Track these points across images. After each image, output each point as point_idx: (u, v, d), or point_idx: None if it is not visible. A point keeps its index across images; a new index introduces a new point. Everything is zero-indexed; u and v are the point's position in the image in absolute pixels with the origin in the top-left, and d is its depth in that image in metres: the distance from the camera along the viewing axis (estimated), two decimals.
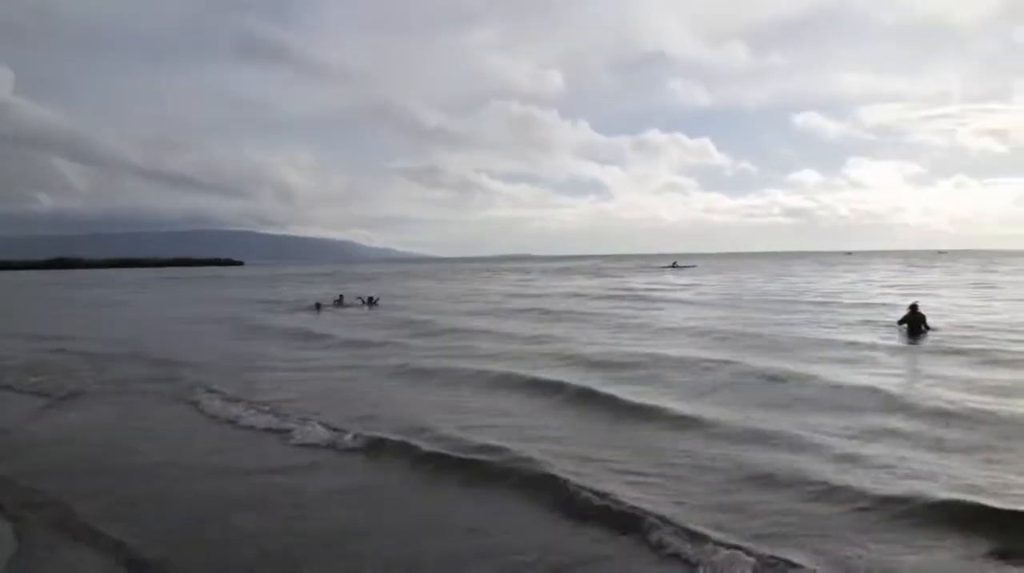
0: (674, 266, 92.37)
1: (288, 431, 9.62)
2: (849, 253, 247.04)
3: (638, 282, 53.09)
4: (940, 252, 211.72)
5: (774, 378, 12.28)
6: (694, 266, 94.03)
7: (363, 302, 33.44)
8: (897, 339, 17.02)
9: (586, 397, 11.16)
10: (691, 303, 30.92)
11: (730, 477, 7.17)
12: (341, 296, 35.22)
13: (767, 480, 7.06)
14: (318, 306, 32.47)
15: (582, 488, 6.77)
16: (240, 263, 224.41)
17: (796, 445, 8.22)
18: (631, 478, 7.20)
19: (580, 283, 53.48)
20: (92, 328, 25.85)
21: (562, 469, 7.34)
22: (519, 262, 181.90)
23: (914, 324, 17.84)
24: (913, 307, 18.27)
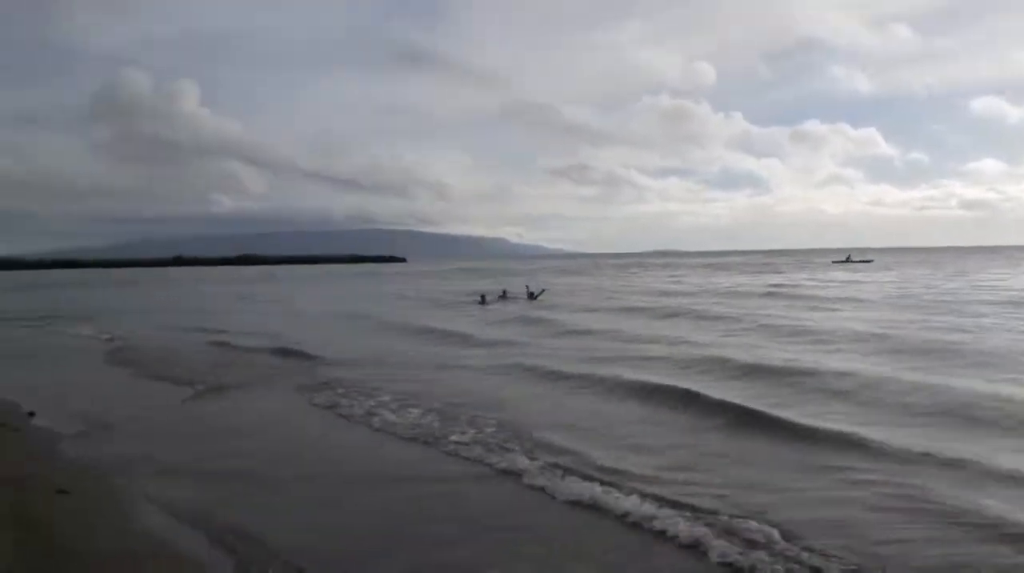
0: (848, 260, 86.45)
1: (442, 438, 9.61)
2: None
3: (804, 278, 51.61)
4: None
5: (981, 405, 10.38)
6: (870, 261, 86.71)
7: (529, 295, 35.31)
8: None
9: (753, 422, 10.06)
10: (864, 302, 29.57)
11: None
12: (504, 290, 37.25)
13: (992, 533, 6.09)
14: (483, 299, 34.15)
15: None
16: (403, 260, 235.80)
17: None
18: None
19: (737, 280, 52.65)
20: (258, 323, 27.34)
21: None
22: (669, 258, 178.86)
23: None
24: None
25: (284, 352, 18.76)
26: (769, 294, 36.44)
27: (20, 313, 34.16)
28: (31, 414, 11.52)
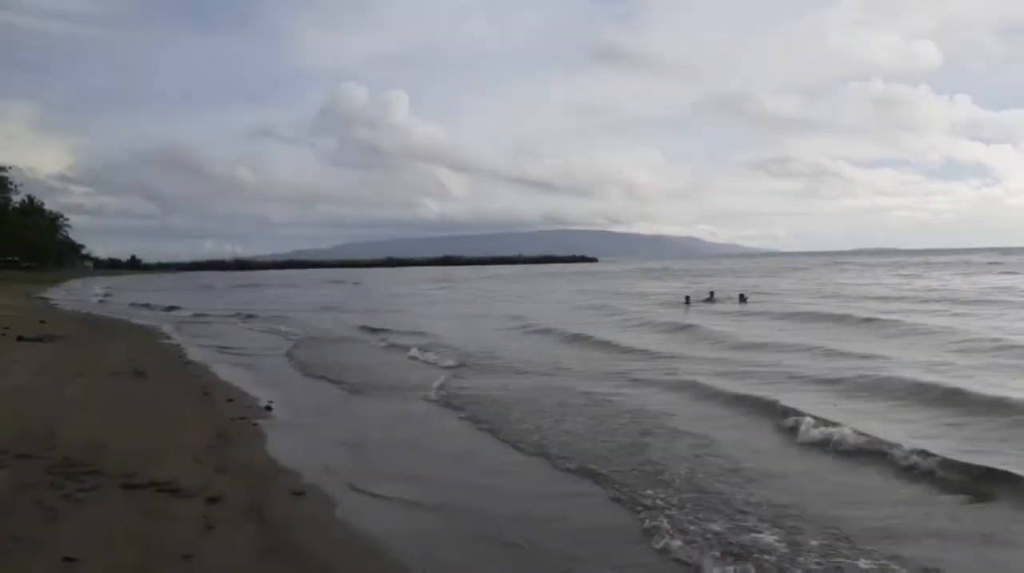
0: None
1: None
2: None
3: None
4: None
5: None
6: None
7: (739, 298, 32.80)
8: None
9: None
10: None
11: None
12: (712, 293, 34.75)
13: None
14: (688, 301, 32.61)
15: None
16: (594, 259, 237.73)
17: None
18: None
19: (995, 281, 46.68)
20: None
21: None
22: (882, 256, 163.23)
23: None
24: None
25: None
26: None
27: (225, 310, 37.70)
28: (268, 408, 11.41)
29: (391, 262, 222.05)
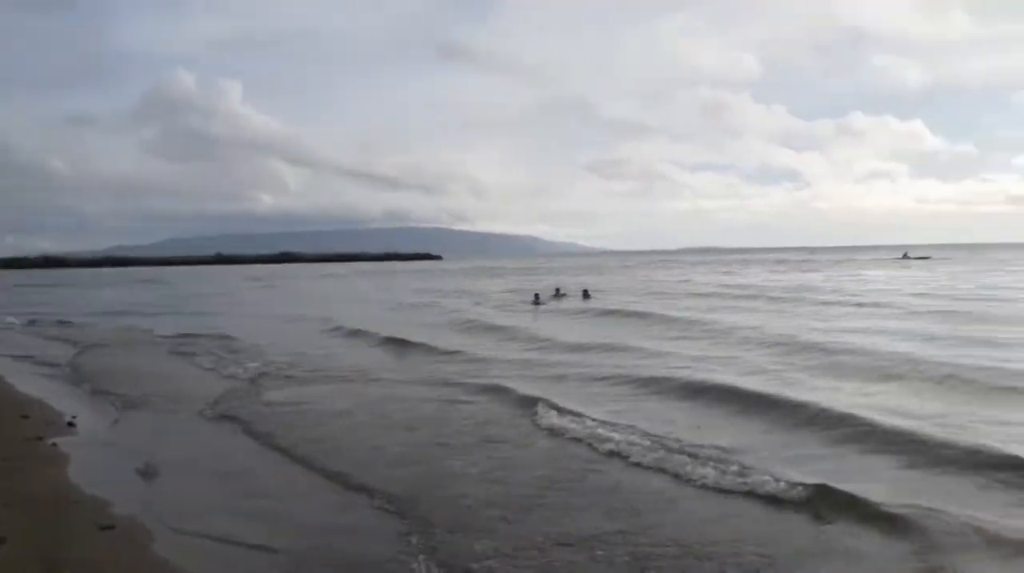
0: (905, 257, 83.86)
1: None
2: None
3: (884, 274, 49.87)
4: None
5: None
6: (928, 258, 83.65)
7: (583, 294, 33.82)
8: None
9: None
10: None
11: None
12: (558, 289, 35.79)
13: None
14: (537, 299, 32.70)
15: None
16: (438, 257, 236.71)
17: None
18: None
19: (809, 277, 51.08)
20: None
21: None
22: (708, 255, 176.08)
23: None
24: None
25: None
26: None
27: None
28: (71, 424, 10.31)
29: (221, 259, 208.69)
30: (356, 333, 21.72)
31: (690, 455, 8.01)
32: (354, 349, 19.11)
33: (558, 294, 34.60)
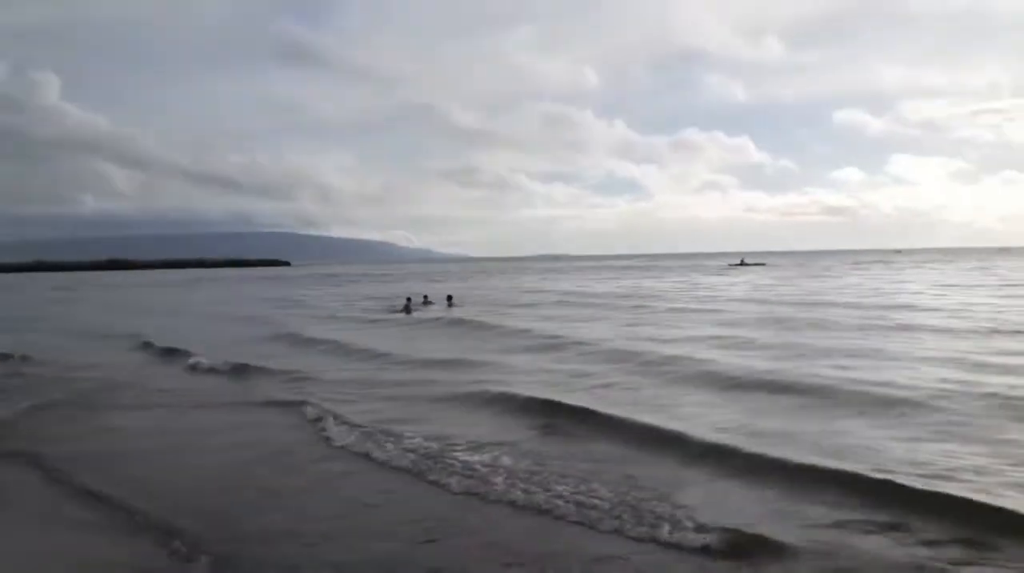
0: (742, 264, 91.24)
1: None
2: (899, 251, 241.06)
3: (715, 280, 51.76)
4: (1002, 250, 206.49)
5: None
6: (763, 264, 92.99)
7: (447, 301, 32.87)
8: None
9: None
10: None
11: None
12: (425, 296, 34.35)
13: None
14: (408, 306, 30.95)
15: None
16: (287, 263, 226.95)
17: None
18: None
19: (659, 284, 52.15)
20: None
21: None
22: (558, 262, 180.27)
23: None
24: None
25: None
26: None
27: None
28: None
29: (40, 266, 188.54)
30: (168, 352, 18.71)
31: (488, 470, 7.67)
32: (157, 368, 16.51)
33: (427, 301, 33.29)
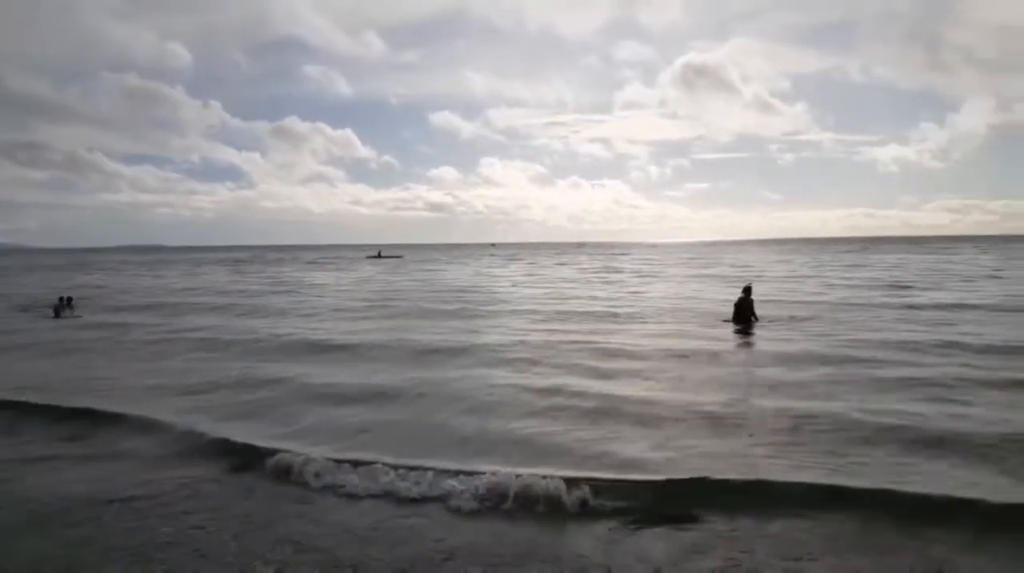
0: (379, 256, 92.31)
1: None
2: (494, 245, 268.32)
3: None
4: (580, 245, 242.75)
5: None
6: (400, 256, 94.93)
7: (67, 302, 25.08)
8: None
9: None
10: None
11: None
12: (69, 298, 25.51)
13: None
14: (58, 309, 24.36)
15: None
16: None
17: None
18: None
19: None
20: None
21: None
22: (149, 254, 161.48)
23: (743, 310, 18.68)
24: (747, 290, 19.00)
25: None
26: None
27: None
28: None
29: None
30: None
31: None
32: None
33: (69, 303, 25.14)
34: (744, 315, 18.43)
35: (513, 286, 35.86)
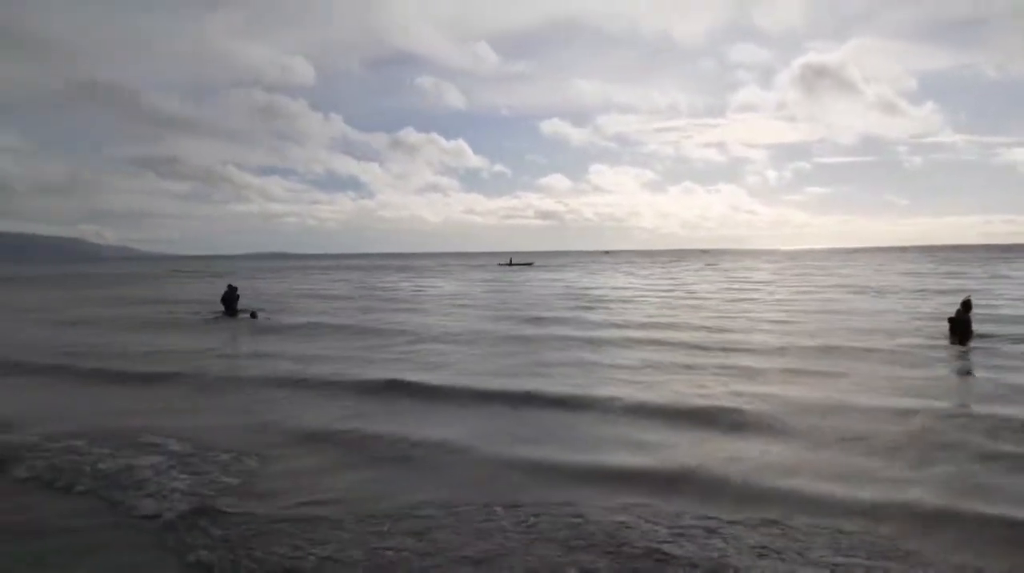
0: (511, 263, 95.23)
1: None
2: (607, 252, 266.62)
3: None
4: (704, 252, 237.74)
5: None
6: (531, 263, 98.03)
7: (251, 315, 25.18)
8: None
9: None
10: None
11: None
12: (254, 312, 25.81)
13: None
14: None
15: None
16: None
17: None
18: None
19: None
20: None
21: None
22: (279, 261, 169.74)
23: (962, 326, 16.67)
24: (965, 305, 17.07)
25: None
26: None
27: None
28: None
29: None
30: None
31: None
32: None
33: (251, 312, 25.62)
34: (962, 333, 16.44)
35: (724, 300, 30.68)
